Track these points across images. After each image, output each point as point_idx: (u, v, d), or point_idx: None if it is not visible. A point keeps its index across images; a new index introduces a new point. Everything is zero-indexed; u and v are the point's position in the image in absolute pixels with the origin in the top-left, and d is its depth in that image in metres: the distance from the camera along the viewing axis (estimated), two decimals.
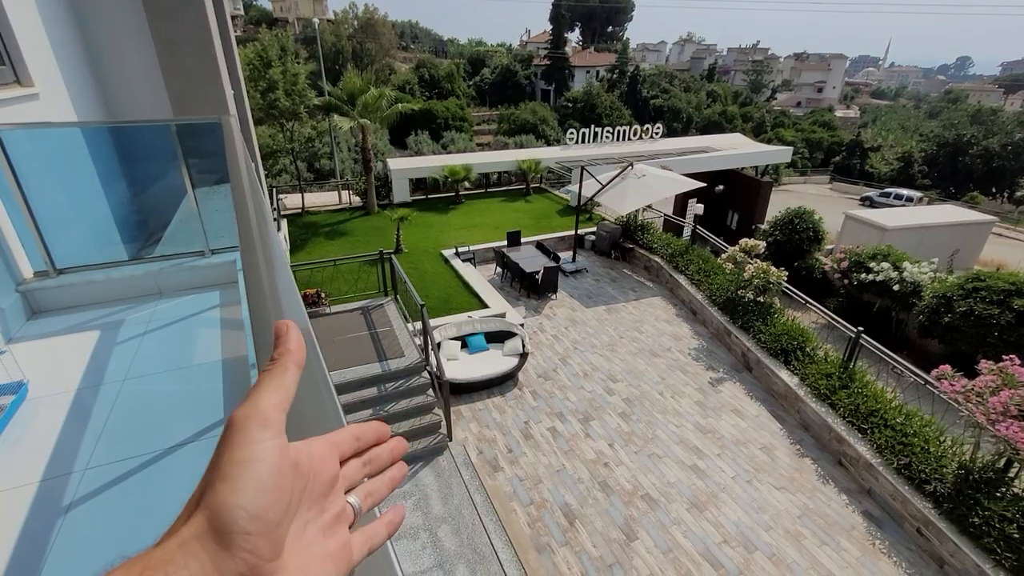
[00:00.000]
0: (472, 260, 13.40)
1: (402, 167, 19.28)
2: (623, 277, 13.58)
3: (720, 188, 18.91)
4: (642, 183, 12.61)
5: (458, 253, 13.45)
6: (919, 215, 16.48)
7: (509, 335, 9.55)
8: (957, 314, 9.58)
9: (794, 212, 13.92)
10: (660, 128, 24.44)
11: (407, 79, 47.60)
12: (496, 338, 9.57)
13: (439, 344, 8.99)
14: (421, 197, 19.58)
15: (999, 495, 5.80)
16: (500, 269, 13.13)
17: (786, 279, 9.73)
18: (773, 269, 9.69)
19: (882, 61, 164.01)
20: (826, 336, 9.41)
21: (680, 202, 18.76)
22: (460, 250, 13.54)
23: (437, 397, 7.74)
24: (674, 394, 8.93)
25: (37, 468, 2.07)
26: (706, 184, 14.49)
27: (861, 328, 7.86)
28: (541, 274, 11.70)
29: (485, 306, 10.78)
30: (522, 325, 10.18)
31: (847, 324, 8.33)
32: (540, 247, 13.49)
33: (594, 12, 67.65)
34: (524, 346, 9.29)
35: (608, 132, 23.36)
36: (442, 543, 6.04)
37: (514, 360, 9.10)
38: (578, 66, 58.03)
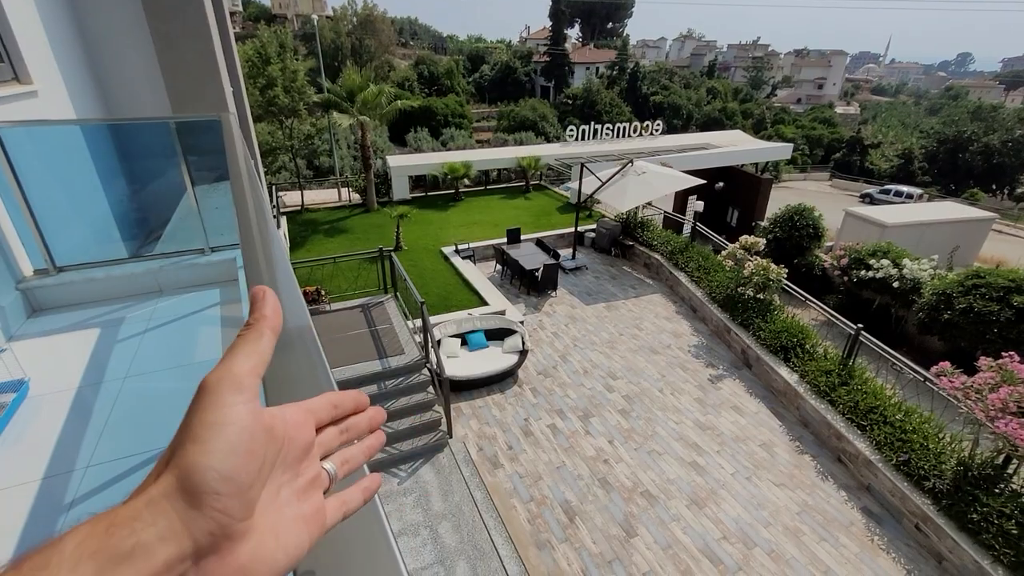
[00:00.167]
0: (472, 257, 13.40)
1: (401, 164, 19.25)
2: (623, 274, 13.58)
3: (720, 185, 18.91)
4: (642, 180, 12.60)
5: (458, 250, 13.44)
6: (919, 212, 16.50)
7: (509, 332, 9.56)
8: (957, 311, 9.59)
9: (794, 209, 13.92)
10: (660, 125, 24.45)
11: (406, 76, 47.50)
12: (496, 335, 9.59)
13: (439, 341, 9.00)
14: (421, 194, 19.55)
15: (998, 491, 5.82)
16: (500, 266, 13.13)
17: (786, 276, 9.73)
18: (773, 266, 9.69)
19: (883, 57, 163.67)
20: (826, 333, 9.44)
21: (680, 199, 18.75)
22: (460, 247, 13.53)
23: (437, 394, 7.75)
24: (674, 391, 8.95)
25: (39, 466, 2.07)
26: (706, 181, 14.50)
27: (861, 325, 7.87)
28: (541, 271, 11.70)
29: (485, 303, 10.78)
30: (522, 322, 10.19)
31: (847, 321, 8.34)
32: (540, 244, 13.48)
33: (594, 8, 67.47)
34: (524, 343, 9.30)
35: (608, 129, 23.36)
36: (442, 539, 6.06)
37: (514, 357, 9.11)
38: (578, 63, 57.89)
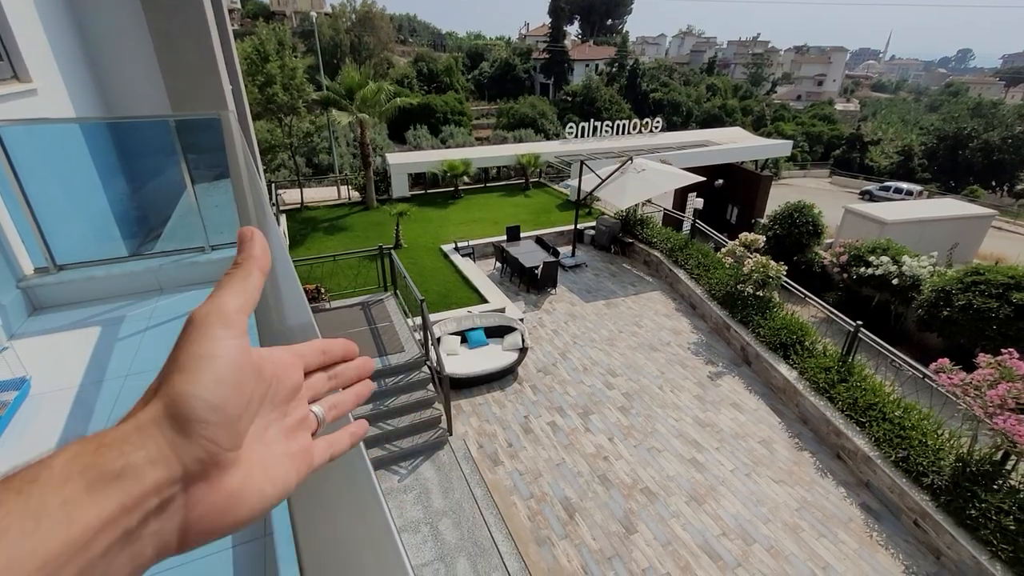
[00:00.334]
0: (471, 255, 13.40)
1: (401, 162, 19.23)
2: (622, 272, 13.58)
3: (720, 182, 18.91)
4: (641, 177, 12.59)
5: (457, 248, 13.44)
6: (919, 209, 16.51)
7: (509, 330, 9.57)
8: (956, 308, 9.60)
9: (794, 206, 13.92)
10: (660, 122, 24.43)
11: (405, 73, 47.40)
12: (496, 333, 9.59)
13: (439, 339, 9.01)
14: (420, 192, 19.53)
15: (996, 487, 5.84)
16: (499, 264, 13.13)
17: (785, 273, 9.74)
18: (772, 263, 9.69)
19: (883, 54, 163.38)
20: (825, 330, 9.45)
21: (680, 196, 18.74)
22: (459, 245, 13.53)
23: (437, 392, 7.77)
24: (673, 388, 8.97)
25: None
26: (706, 178, 14.48)
27: (860, 322, 7.88)
28: (540, 269, 11.70)
29: (485, 301, 10.78)
30: (522, 320, 10.20)
31: (846, 318, 8.35)
32: (539, 242, 13.48)
33: (593, 5, 67.26)
34: (524, 341, 9.31)
35: (607, 126, 23.32)
36: (443, 536, 6.08)
37: (514, 355, 9.12)
38: (577, 60, 57.78)
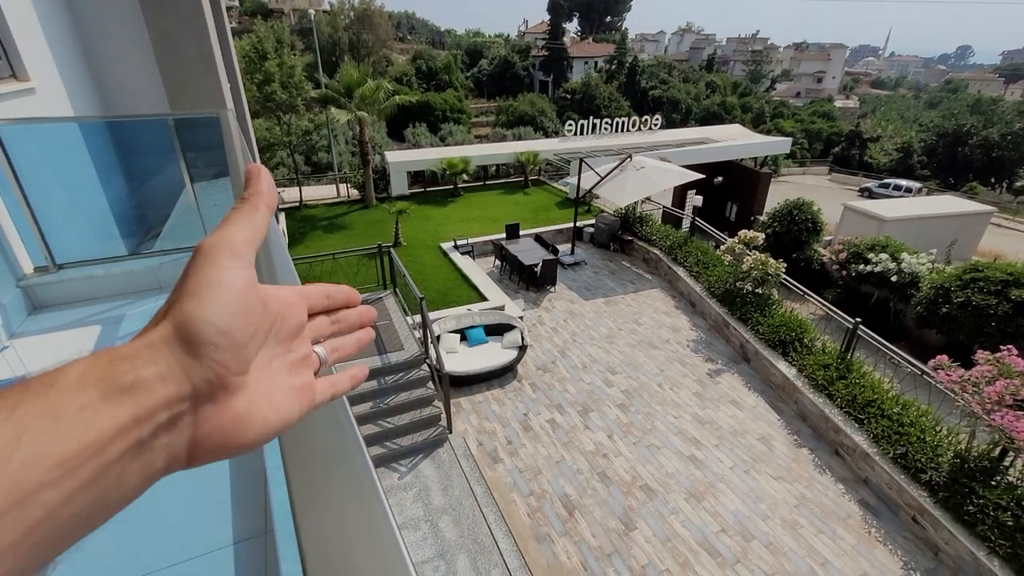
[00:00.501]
0: (471, 253, 13.40)
1: (400, 160, 19.21)
2: (622, 269, 13.59)
3: (719, 180, 18.90)
4: (641, 175, 12.58)
5: (457, 246, 13.44)
6: (918, 206, 16.51)
7: (508, 328, 9.58)
8: (955, 304, 9.61)
9: (793, 203, 13.92)
10: (659, 119, 24.40)
11: (404, 71, 47.25)
12: (495, 331, 9.60)
13: (438, 337, 9.02)
14: (419, 190, 19.52)
15: (994, 484, 5.87)
16: (499, 262, 13.14)
17: (784, 270, 9.75)
18: (771, 261, 9.70)
19: (882, 50, 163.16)
20: (824, 327, 9.46)
21: (679, 194, 18.75)
22: (459, 243, 13.53)
23: (437, 390, 7.78)
24: (672, 385, 8.98)
25: None
26: (705, 176, 14.48)
27: (859, 319, 7.89)
28: (540, 267, 11.70)
29: (484, 299, 10.79)
30: (521, 318, 10.21)
31: (845, 315, 8.36)
32: (539, 240, 13.48)
33: (592, 2, 67.06)
34: (523, 339, 9.32)
35: (607, 124, 23.31)
36: (443, 534, 6.10)
37: (513, 353, 9.13)
38: (576, 57, 57.60)
